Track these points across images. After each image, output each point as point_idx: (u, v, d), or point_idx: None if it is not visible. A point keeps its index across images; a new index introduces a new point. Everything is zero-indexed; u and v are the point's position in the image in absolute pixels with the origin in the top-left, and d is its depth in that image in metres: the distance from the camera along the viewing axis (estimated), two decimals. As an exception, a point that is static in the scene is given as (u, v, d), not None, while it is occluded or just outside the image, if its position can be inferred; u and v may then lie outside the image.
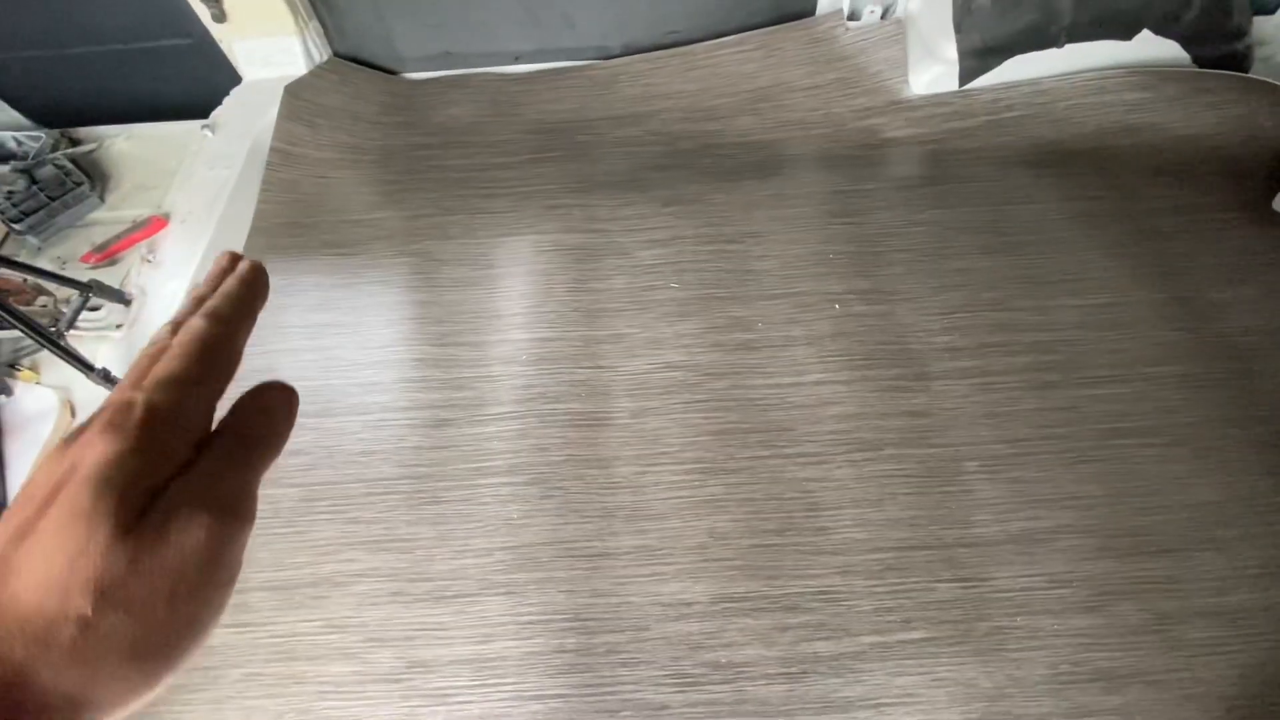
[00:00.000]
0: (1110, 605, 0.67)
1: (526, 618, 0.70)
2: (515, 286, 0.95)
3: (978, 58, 1.06)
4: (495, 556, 0.73)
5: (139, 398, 0.19)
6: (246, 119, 1.12)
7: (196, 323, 0.21)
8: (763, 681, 0.65)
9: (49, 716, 0.16)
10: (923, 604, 0.68)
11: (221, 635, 0.71)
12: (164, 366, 0.20)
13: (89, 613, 0.16)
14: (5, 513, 0.19)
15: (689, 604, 0.70)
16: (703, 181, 1.07)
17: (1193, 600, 0.67)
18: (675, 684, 0.66)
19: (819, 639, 0.67)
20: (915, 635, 0.66)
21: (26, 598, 0.16)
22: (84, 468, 0.18)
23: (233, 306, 0.22)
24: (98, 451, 0.18)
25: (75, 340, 0.85)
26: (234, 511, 0.19)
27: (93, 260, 0.96)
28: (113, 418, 0.19)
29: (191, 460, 0.19)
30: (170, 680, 0.18)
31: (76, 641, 0.16)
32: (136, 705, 0.18)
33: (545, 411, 0.84)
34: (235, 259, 0.24)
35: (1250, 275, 0.90)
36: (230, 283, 0.22)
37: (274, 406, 0.22)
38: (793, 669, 0.66)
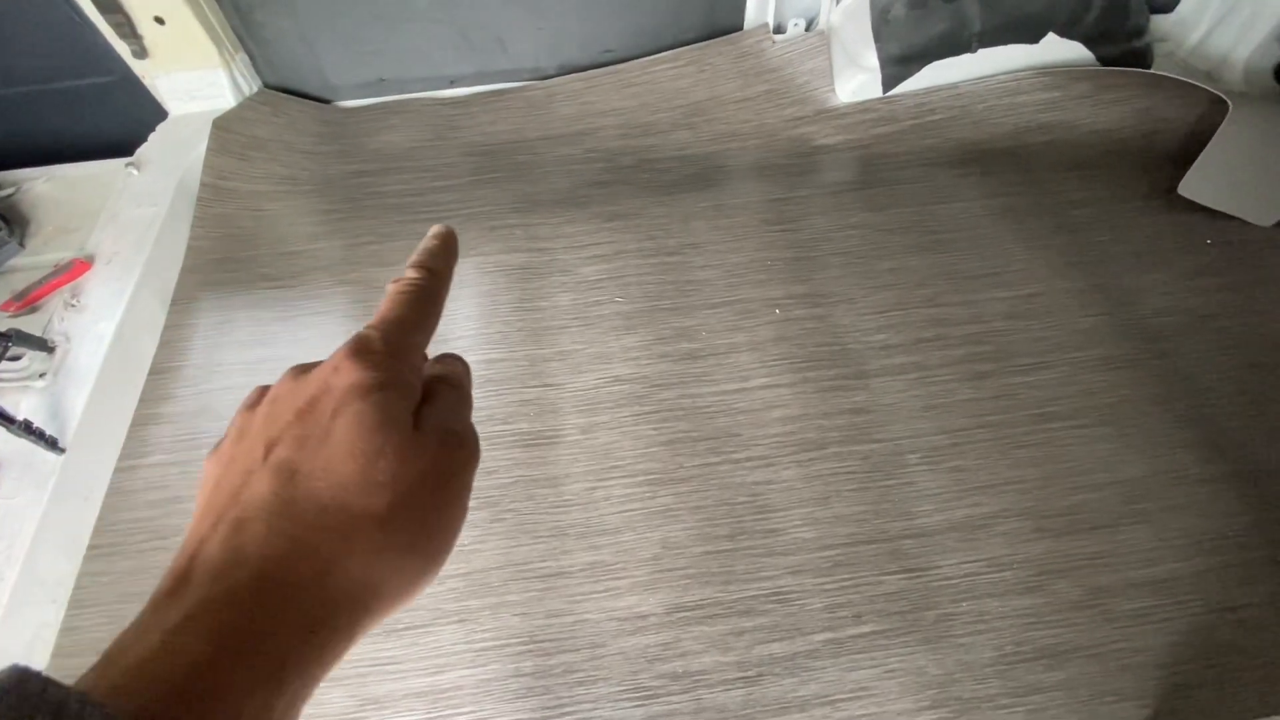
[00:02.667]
0: (1049, 584, 0.70)
1: (480, 644, 0.69)
2: (459, 309, 0.95)
3: (898, 65, 1.11)
4: (447, 584, 0.72)
5: (374, 333, 0.21)
6: (173, 155, 1.09)
7: (409, 274, 0.24)
8: (720, 688, 0.65)
9: (351, 603, 0.18)
10: (871, 597, 0.69)
11: (164, 689, 0.68)
12: (386, 309, 0.23)
13: (385, 509, 0.18)
14: (252, 428, 0.20)
15: (644, 616, 0.70)
16: (642, 196, 1.08)
17: (1125, 573, 0.70)
18: (634, 698, 0.65)
19: (773, 640, 0.68)
20: (866, 629, 0.68)
21: (327, 496, 0.18)
22: (350, 387, 0.20)
23: (434, 259, 0.25)
24: (357, 375, 0.20)
25: (-5, 392, 0.82)
26: (472, 443, 0.22)
27: (13, 309, 0.92)
28: (357, 347, 0.21)
29: (422, 401, 0.22)
30: (433, 579, 0.21)
31: (374, 536, 0.18)
32: (411, 598, 0.20)
33: (493, 433, 0.83)
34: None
35: (1161, 259, 0.96)
36: (428, 241, 0.25)
37: (461, 364, 0.25)
38: (749, 672, 0.66)
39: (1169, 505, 0.74)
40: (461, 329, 0.93)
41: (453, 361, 0.25)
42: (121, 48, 1.07)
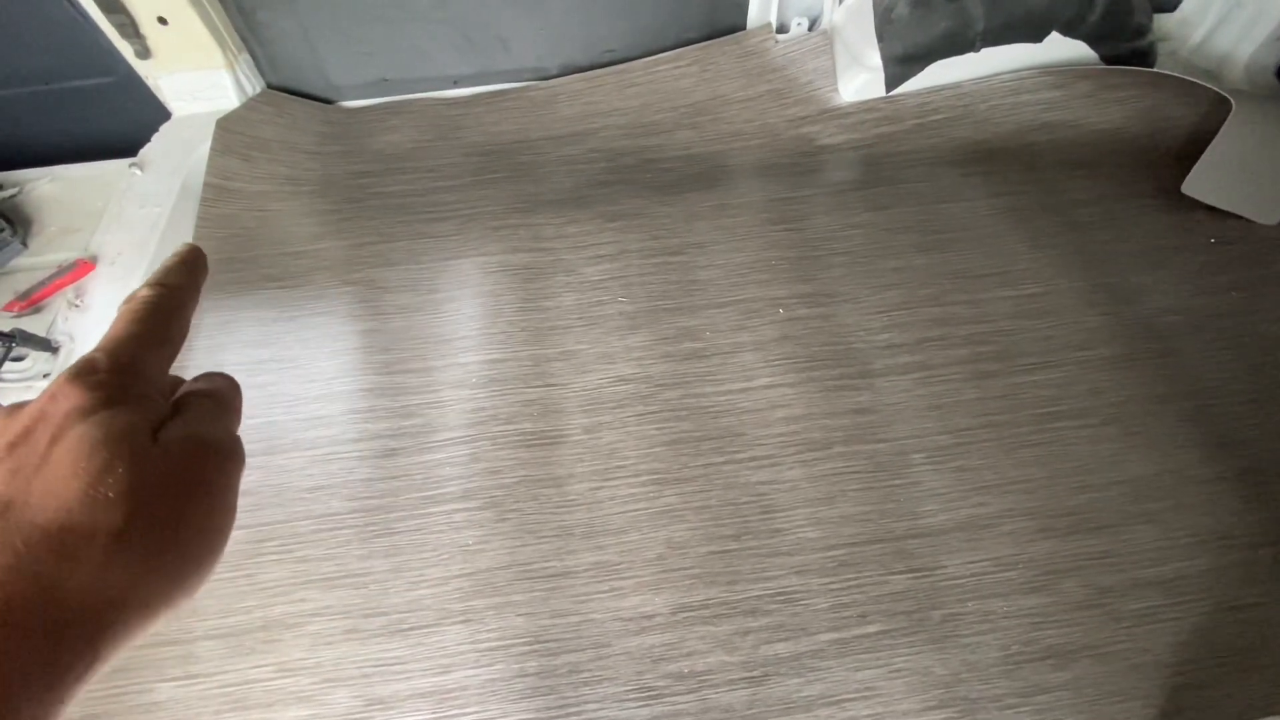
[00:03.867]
0: (1055, 584, 0.69)
1: (486, 644, 0.69)
2: (462, 309, 0.95)
3: (901, 64, 1.11)
4: (451, 585, 0.72)
5: (98, 355, 0.21)
6: (177, 156, 1.09)
7: (141, 291, 0.23)
8: (725, 688, 0.65)
9: (86, 619, 0.17)
10: (877, 597, 0.69)
11: (168, 690, 0.68)
12: (115, 328, 0.22)
13: (120, 523, 0.18)
14: None
15: (650, 616, 0.70)
16: (645, 196, 1.08)
17: (1130, 572, 0.70)
18: (639, 699, 0.65)
19: (779, 640, 0.67)
20: (871, 629, 0.68)
21: (46, 520, 0.17)
22: (69, 410, 0.19)
23: (171, 275, 0.25)
24: (77, 398, 0.19)
25: (-1, 393, 0.82)
26: (229, 448, 0.22)
27: (16, 309, 0.92)
28: (79, 371, 0.20)
29: (170, 415, 0.21)
30: (198, 582, 0.20)
31: (110, 550, 0.18)
32: (173, 603, 0.19)
33: (497, 433, 0.83)
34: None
35: (1166, 258, 0.95)
36: (168, 259, 0.26)
37: (224, 379, 0.25)
38: (754, 673, 0.66)
39: (1175, 504, 0.74)
40: (465, 329, 0.92)
41: (214, 377, 0.25)
42: (124, 48, 1.06)
